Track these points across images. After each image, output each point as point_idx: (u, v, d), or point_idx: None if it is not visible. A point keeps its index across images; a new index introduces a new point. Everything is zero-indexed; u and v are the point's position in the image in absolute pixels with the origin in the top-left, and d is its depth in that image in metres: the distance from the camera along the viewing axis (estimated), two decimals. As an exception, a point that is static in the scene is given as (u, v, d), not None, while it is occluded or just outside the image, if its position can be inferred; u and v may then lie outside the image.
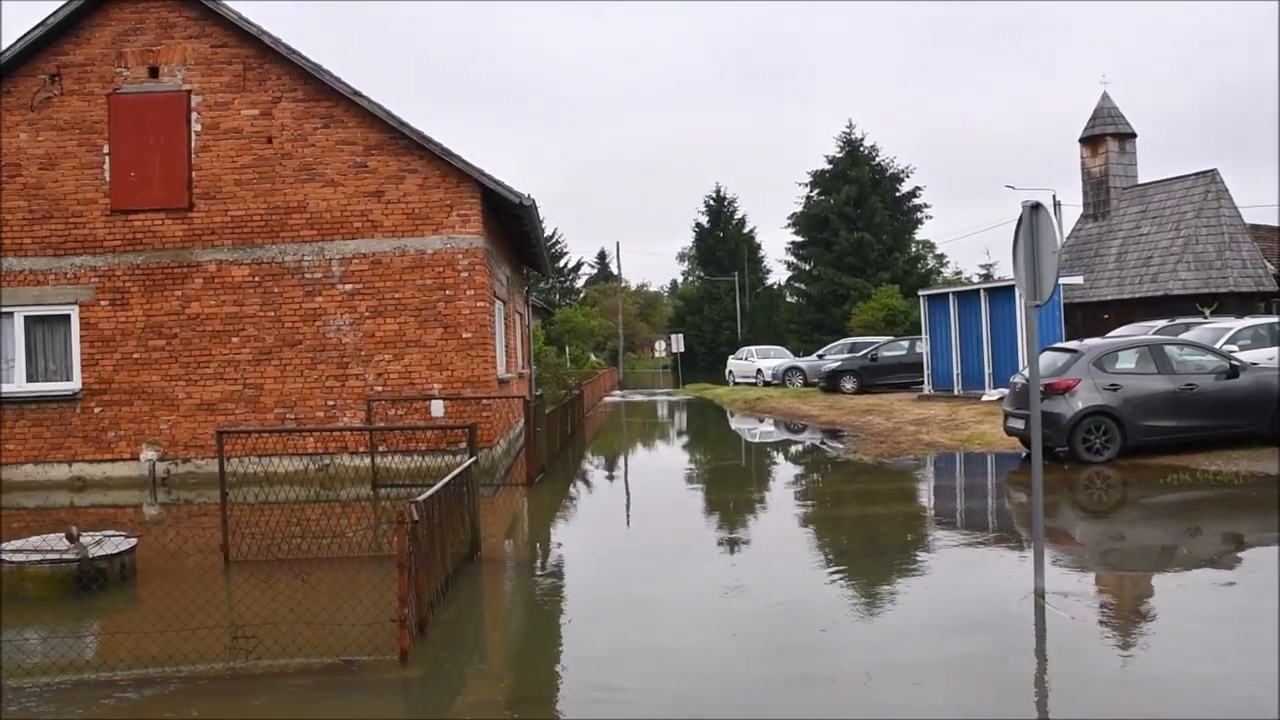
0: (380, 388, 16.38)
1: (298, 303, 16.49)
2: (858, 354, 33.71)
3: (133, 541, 9.51)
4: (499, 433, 17.27)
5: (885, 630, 7.54)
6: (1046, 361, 15.17)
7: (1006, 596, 7.94)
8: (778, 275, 77.95)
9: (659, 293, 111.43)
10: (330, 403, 16.42)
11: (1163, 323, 23.81)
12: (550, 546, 11.60)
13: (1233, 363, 15.39)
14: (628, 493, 16.41)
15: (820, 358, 37.77)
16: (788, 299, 70.69)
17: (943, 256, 71.63)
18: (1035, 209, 7.95)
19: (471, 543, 9.79)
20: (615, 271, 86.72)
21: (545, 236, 23.46)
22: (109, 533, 9.77)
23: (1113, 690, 6.01)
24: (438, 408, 16.07)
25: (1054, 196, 43.89)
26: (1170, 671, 6.36)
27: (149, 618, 7.64)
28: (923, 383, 28.00)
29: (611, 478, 18.44)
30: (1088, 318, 32.25)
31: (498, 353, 18.40)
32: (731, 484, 16.82)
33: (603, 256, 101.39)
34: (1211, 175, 33.15)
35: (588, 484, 17.19)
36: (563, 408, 21.31)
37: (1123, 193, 35.60)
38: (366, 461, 15.63)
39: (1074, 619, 7.32)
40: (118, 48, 16.64)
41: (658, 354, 72.12)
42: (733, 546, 11.19)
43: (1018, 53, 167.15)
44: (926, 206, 63.21)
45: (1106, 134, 35.71)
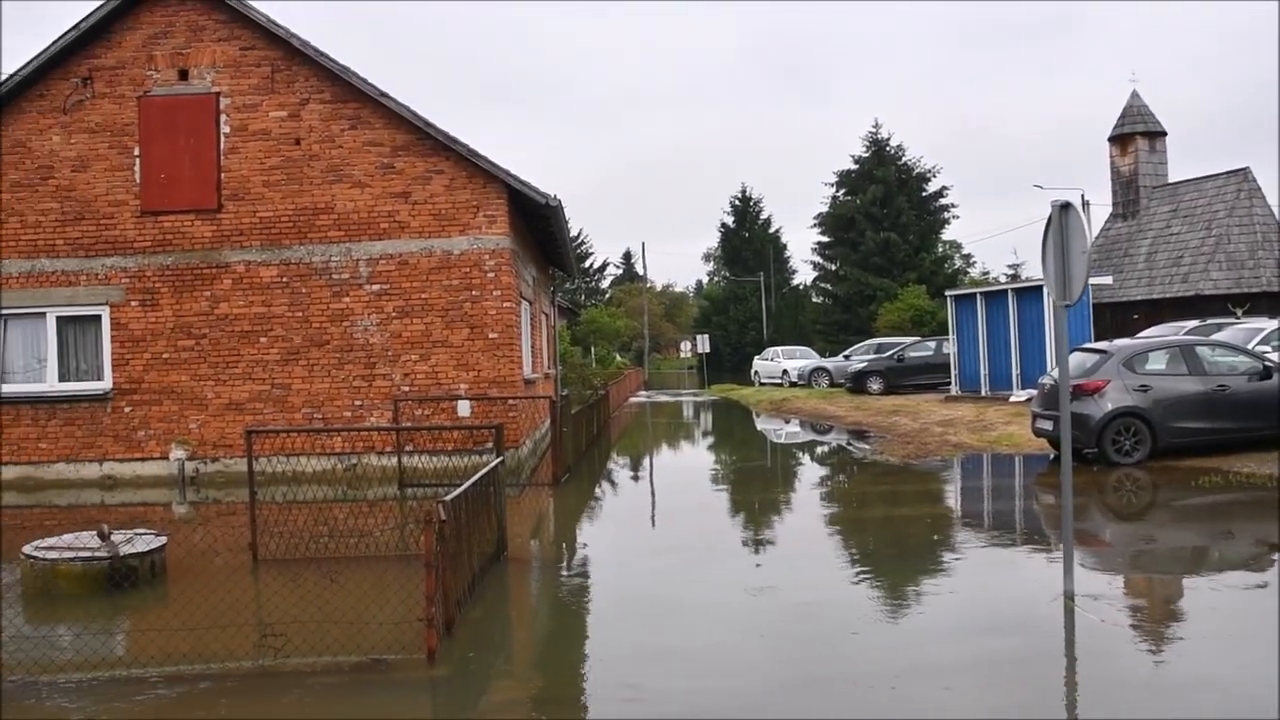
0: (407, 388, 16.45)
1: (325, 303, 16.59)
2: (884, 354, 33.57)
3: (163, 540, 9.60)
4: (525, 433, 17.31)
5: (913, 632, 7.50)
6: (1075, 362, 15.05)
7: (1035, 599, 7.88)
8: (803, 275, 77.83)
9: (684, 293, 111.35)
10: (357, 403, 16.51)
11: (1194, 323, 23.57)
12: (576, 546, 11.61)
13: (1266, 364, 15.16)
14: (653, 493, 16.41)
15: (846, 358, 37.67)
16: (813, 299, 70.50)
17: (970, 256, 71.00)
18: (1065, 209, 7.89)
19: (498, 542, 9.81)
20: (641, 272, 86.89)
21: (571, 237, 23.43)
22: (139, 531, 9.86)
23: (1143, 694, 5.96)
24: (464, 408, 16.13)
25: (1082, 196, 43.66)
26: (1201, 675, 6.29)
27: (179, 615, 7.71)
28: (949, 384, 27.83)
29: (637, 478, 18.45)
30: (1117, 318, 31.98)
31: (524, 353, 18.44)
32: (757, 485, 16.78)
33: (628, 257, 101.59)
34: (1244, 174, 32.81)
35: (613, 484, 17.19)
36: (588, 408, 21.33)
37: (1153, 192, 35.28)
38: (393, 461, 15.70)
39: (1103, 621, 7.26)
40: (148, 50, 16.79)
41: (683, 354, 72.06)
42: (758, 547, 11.18)
43: (1045, 51, 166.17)
44: (953, 206, 62.83)
45: (1136, 133, 35.41)
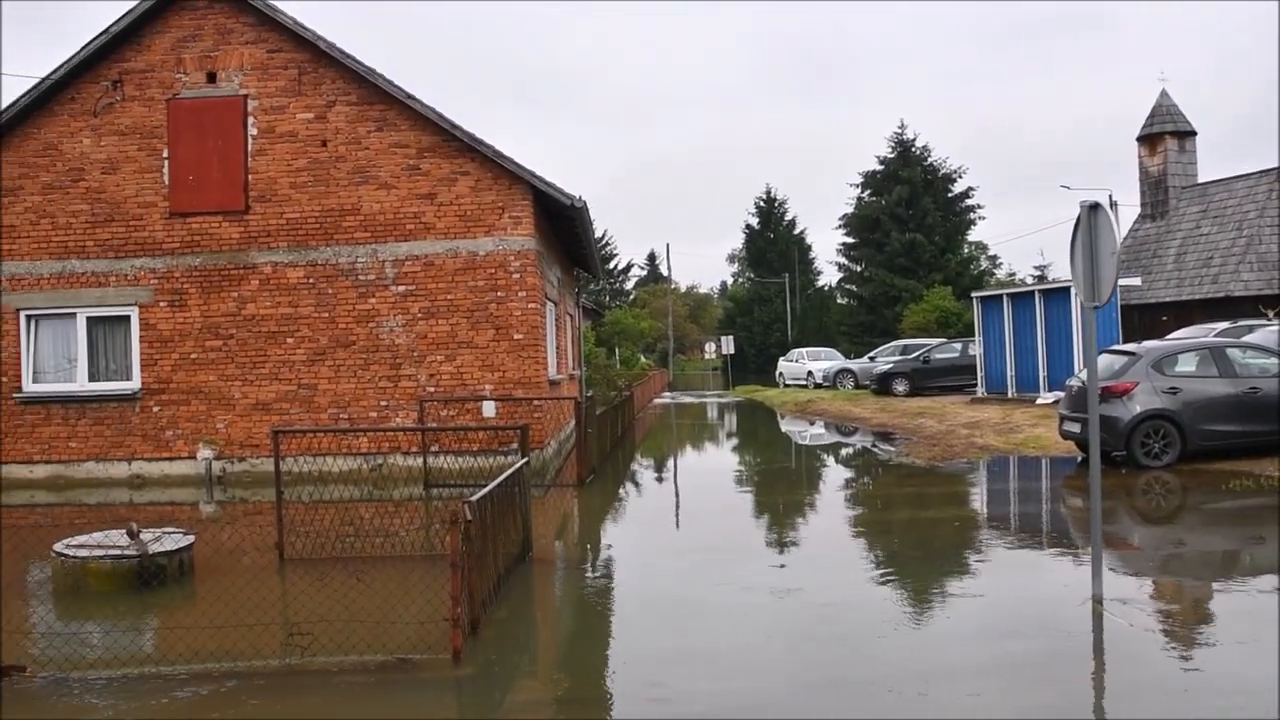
0: (432, 388, 16.51)
1: (351, 304, 16.68)
2: (910, 356, 33.41)
3: (191, 538, 9.68)
4: (550, 434, 17.33)
5: (939, 635, 7.45)
6: (1104, 364, 14.94)
7: (1063, 602, 7.83)
8: (828, 277, 77.59)
9: (709, 294, 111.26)
10: (383, 403, 16.58)
11: (1224, 324, 23.32)
12: (601, 547, 11.61)
13: (1297, 366, 15.04)
14: (677, 494, 16.39)
15: (872, 360, 37.53)
16: (838, 301, 70.24)
17: (996, 258, 70.68)
18: (1094, 209, 7.83)
19: (523, 543, 9.83)
20: (665, 273, 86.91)
21: (596, 238, 23.49)
22: (168, 530, 9.96)
23: (1173, 698, 5.90)
24: (489, 408, 16.17)
25: (1110, 196, 43.27)
26: (1231, 680, 6.21)
27: (206, 613, 7.77)
28: (975, 385, 27.70)
29: (661, 479, 18.43)
30: (1145, 320, 31.65)
31: (549, 354, 18.47)
32: (782, 486, 16.73)
33: (652, 258, 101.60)
34: (1275, 173, 32.36)
35: (638, 485, 17.18)
36: (613, 409, 21.33)
37: (1182, 192, 34.91)
38: (419, 461, 15.76)
39: (1132, 626, 7.21)
40: (177, 54, 16.93)
41: (707, 356, 72.07)
42: (783, 548, 11.14)
43: (1072, 50, 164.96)
44: (979, 207, 62.62)
45: (1165, 132, 35.02)
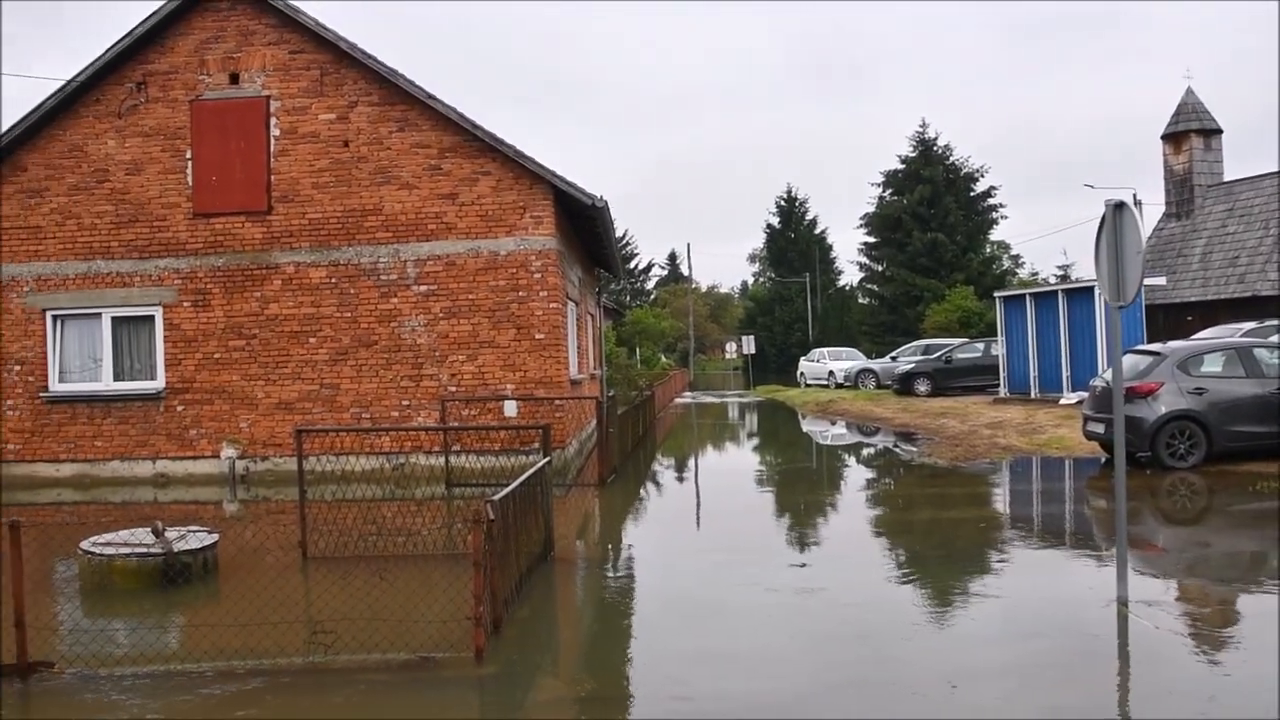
0: (454, 388, 16.55)
1: (373, 304, 16.74)
2: (931, 356, 33.30)
3: (215, 537, 9.74)
4: (571, 433, 17.35)
5: (963, 636, 7.42)
6: (1128, 364, 14.83)
7: (1087, 604, 7.78)
8: (850, 276, 77.29)
9: (729, 294, 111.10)
10: (405, 402, 16.64)
11: (1251, 324, 23.11)
12: (622, 547, 11.61)
13: (1326, 366, 14.88)
14: (698, 494, 16.38)
15: (893, 360, 37.39)
16: (860, 300, 70.09)
17: (1018, 257, 70.28)
18: (1119, 208, 7.77)
19: (545, 542, 9.84)
20: (686, 273, 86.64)
21: (616, 238, 23.47)
22: (192, 528, 10.02)
23: (1200, 702, 5.84)
24: (511, 408, 16.20)
25: (1134, 195, 42.80)
26: (1259, 682, 6.15)
27: (231, 611, 7.81)
28: (998, 386, 27.56)
29: (682, 479, 18.42)
30: (1170, 320, 31.41)
31: (570, 354, 18.48)
32: (803, 487, 16.69)
33: (673, 258, 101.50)
34: (1302, 172, 32.11)
35: (659, 485, 17.18)
36: (634, 409, 21.33)
37: (1207, 190, 34.61)
38: (441, 461, 15.79)
39: (1158, 628, 7.16)
40: (200, 55, 17.03)
41: (728, 355, 72.00)
42: (805, 549, 11.12)
43: (1095, 49, 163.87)
44: (1001, 206, 62.16)
45: (1190, 130, 34.71)
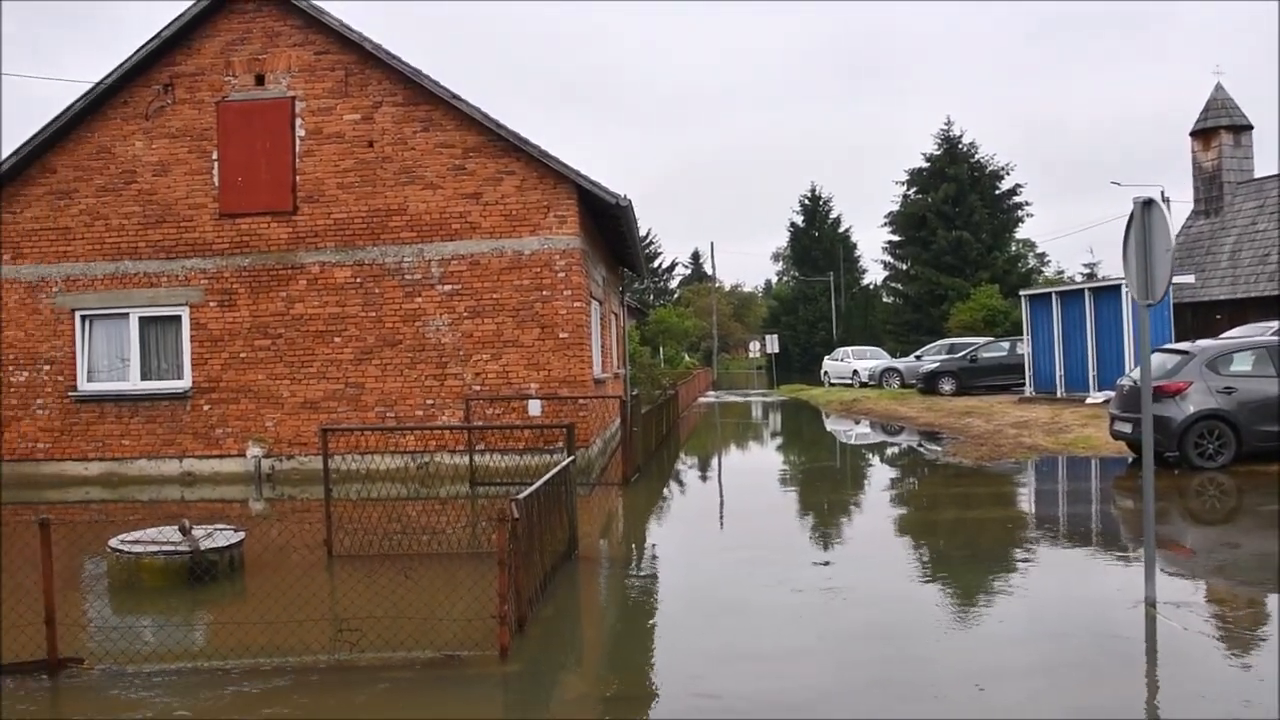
0: (478, 387, 16.60)
1: (398, 303, 16.81)
2: (956, 355, 33.15)
3: (241, 535, 9.80)
4: (595, 432, 17.36)
5: (988, 637, 7.38)
6: (1156, 363, 14.71)
7: (1115, 604, 7.72)
8: (874, 275, 77.21)
9: (753, 293, 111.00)
10: (429, 401, 16.70)
11: (1280, 323, 22.87)
12: (646, 546, 11.61)
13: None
14: (722, 494, 16.35)
15: (918, 359, 37.26)
16: (884, 299, 69.84)
17: (1044, 255, 70.04)
18: (1148, 205, 7.71)
19: (569, 541, 9.86)
20: (709, 272, 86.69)
21: (640, 237, 23.48)
22: (219, 526, 10.09)
23: (1230, 704, 5.78)
24: (535, 407, 16.23)
25: (1162, 192, 42.42)
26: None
27: (257, 609, 7.85)
28: (1023, 385, 27.41)
29: (706, 478, 18.41)
30: (1198, 318, 31.11)
31: (594, 353, 18.49)
32: (827, 486, 16.64)
33: (697, 257, 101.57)
34: (1333, 169, 31.76)
35: (682, 484, 17.17)
36: (658, 408, 21.32)
37: (1237, 188, 34.27)
38: (465, 460, 15.84)
39: (1186, 630, 7.09)
40: (226, 57, 17.15)
41: (752, 355, 71.92)
42: (829, 549, 11.08)
43: (1122, 45, 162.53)
44: (1027, 204, 61.85)
45: (1220, 126, 34.36)
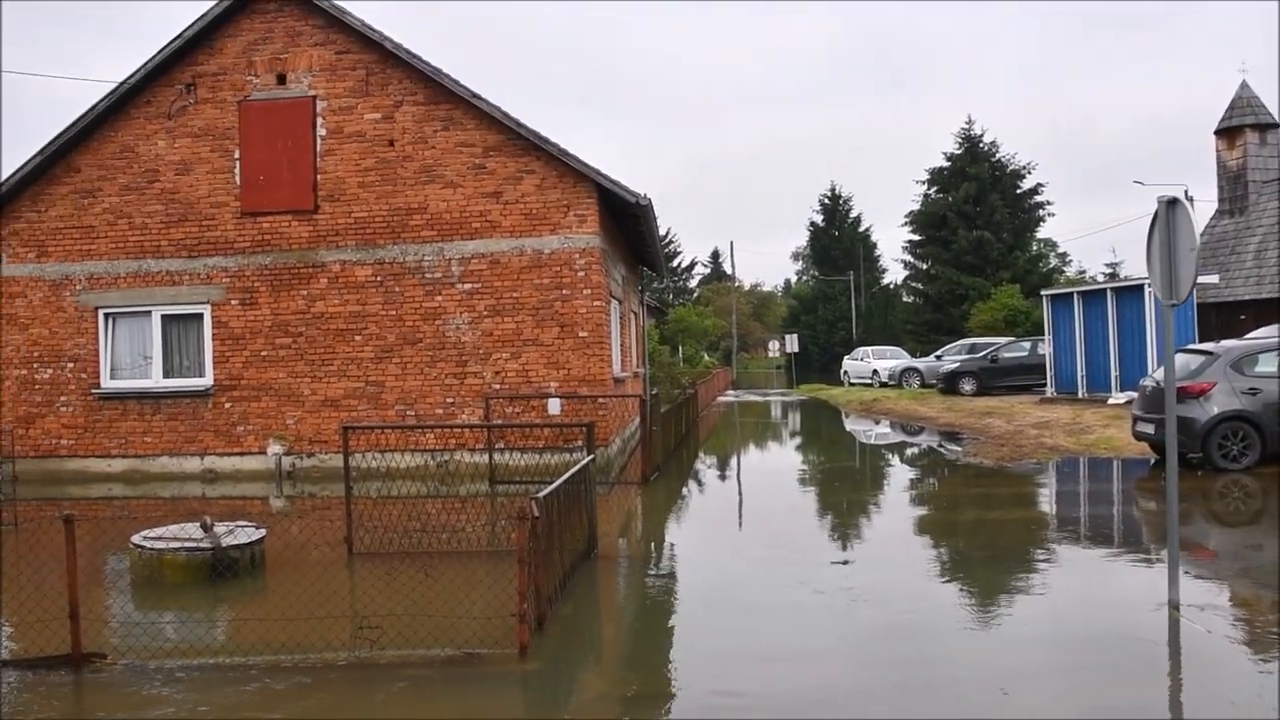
0: (498, 385, 16.62)
1: (418, 302, 16.85)
2: (977, 355, 33.00)
3: (262, 532, 9.85)
4: (614, 431, 17.36)
5: (1010, 639, 7.33)
6: (1180, 364, 14.60)
7: (1137, 607, 7.67)
8: (894, 274, 76.89)
9: (773, 292, 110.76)
10: (449, 400, 16.74)
11: (1307, 323, 22.66)
12: (665, 546, 11.61)
13: (1384, 366, 14.55)
14: (741, 493, 16.32)
15: (938, 359, 37.12)
16: (904, 299, 69.53)
17: (1065, 255, 69.54)
18: (1172, 205, 7.65)
19: (589, 540, 9.86)
20: (729, 271, 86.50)
21: (660, 236, 23.53)
22: (240, 523, 10.14)
23: (1265, 712, 5.71)
24: (554, 406, 16.24)
25: (1186, 192, 42.18)
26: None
27: (278, 606, 7.89)
28: (1044, 385, 27.26)
29: (725, 478, 18.38)
30: (1222, 318, 30.86)
31: (613, 352, 18.49)
32: (846, 486, 16.58)
33: (716, 256, 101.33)
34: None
35: (701, 484, 17.15)
36: (677, 407, 21.31)
37: (1262, 186, 33.96)
38: (484, 458, 15.87)
39: (1210, 632, 7.03)
40: (248, 56, 17.23)
41: (771, 354, 71.76)
42: (848, 549, 11.04)
43: (1145, 43, 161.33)
44: (1049, 204, 61.18)
45: (1245, 125, 34.04)
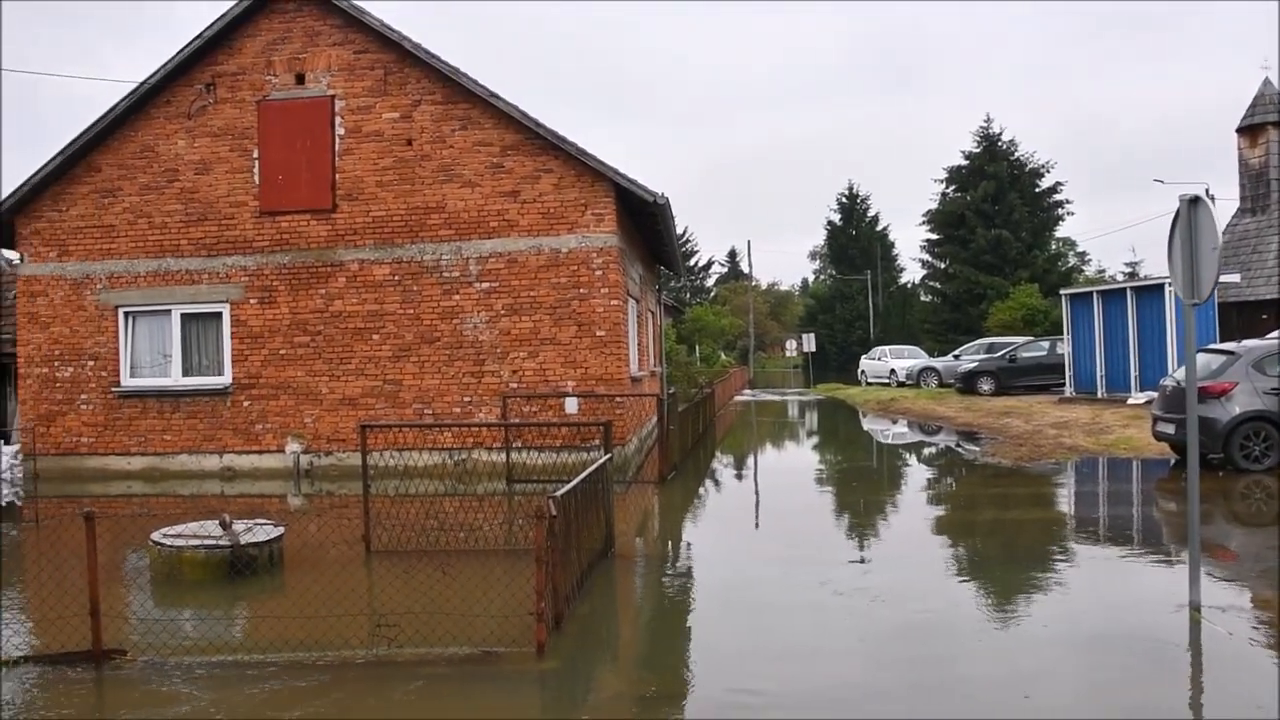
0: (515, 384, 16.64)
1: (436, 301, 16.89)
2: (995, 354, 32.87)
3: (280, 530, 9.89)
4: (631, 430, 17.36)
5: (1029, 640, 7.28)
6: (1201, 363, 14.50)
7: (1158, 608, 7.61)
8: (912, 274, 76.71)
9: (790, 291, 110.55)
10: (466, 399, 16.77)
11: (1329, 323, 22.50)
12: (682, 545, 11.59)
13: None
14: (758, 493, 16.29)
15: (956, 358, 36.99)
16: (922, 298, 69.32)
17: (1085, 254, 69.10)
18: (1194, 203, 7.59)
19: (606, 539, 9.85)
20: (746, 270, 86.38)
21: (677, 235, 23.50)
22: (258, 521, 10.19)
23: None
24: (571, 405, 16.25)
25: (1207, 190, 41.77)
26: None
27: (296, 604, 7.92)
28: (1063, 385, 27.12)
29: (742, 477, 18.35)
30: (1243, 318, 30.64)
31: (631, 351, 18.49)
32: (863, 486, 16.53)
33: (733, 255, 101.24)
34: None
35: (718, 483, 17.13)
36: (694, 406, 21.28)
37: (1285, 185, 33.70)
38: (501, 457, 15.88)
39: (1232, 635, 6.97)
40: (267, 56, 17.30)
41: (788, 353, 71.67)
42: (866, 549, 11.01)
43: (1165, 40, 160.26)
44: (1068, 203, 60.93)
45: (1268, 122, 33.74)
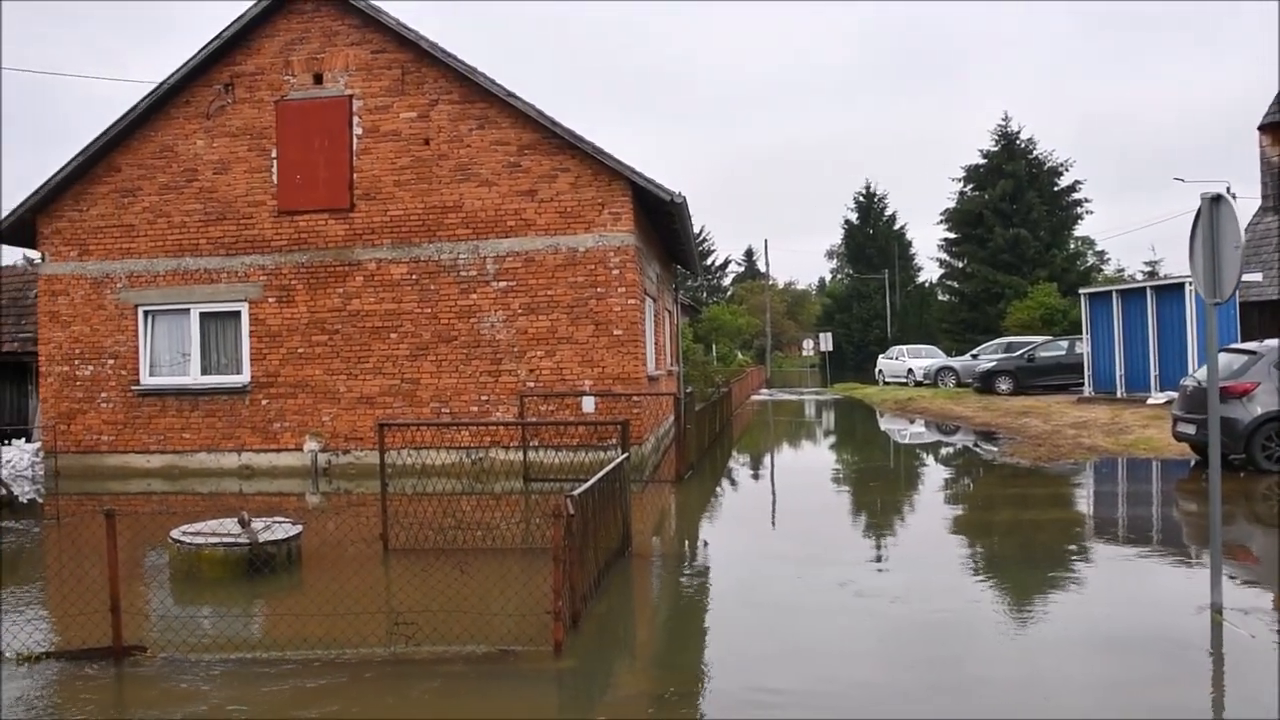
0: (532, 383, 16.66)
1: (453, 300, 16.92)
2: (1013, 354, 32.74)
3: (298, 528, 9.93)
4: (648, 429, 17.35)
5: (1048, 641, 7.24)
6: (1222, 363, 14.39)
7: (1179, 610, 7.56)
8: (929, 273, 76.45)
9: (807, 291, 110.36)
10: (484, 398, 16.79)
11: (1351, 323, 22.28)
12: (699, 545, 11.57)
13: None
14: (774, 492, 16.26)
15: (974, 358, 36.85)
16: (939, 297, 69.11)
17: (1104, 253, 68.69)
18: (1216, 201, 7.53)
19: (623, 538, 9.85)
20: (763, 269, 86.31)
21: (694, 234, 23.49)
22: (277, 519, 10.23)
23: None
24: (588, 404, 16.26)
25: (1228, 188, 41.46)
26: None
27: (314, 601, 7.95)
28: (1082, 385, 26.97)
29: (758, 476, 18.31)
30: (1265, 317, 30.39)
31: (648, 350, 18.48)
32: (880, 486, 16.48)
33: (750, 254, 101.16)
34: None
35: (735, 483, 17.10)
36: (711, 405, 21.26)
37: (1307, 184, 33.40)
38: (519, 456, 15.90)
39: (1254, 637, 6.92)
40: (285, 56, 17.37)
41: (805, 353, 71.59)
42: (884, 549, 10.97)
43: (1185, 38, 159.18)
44: (1087, 201, 60.64)
45: (1289, 121, 33.51)
